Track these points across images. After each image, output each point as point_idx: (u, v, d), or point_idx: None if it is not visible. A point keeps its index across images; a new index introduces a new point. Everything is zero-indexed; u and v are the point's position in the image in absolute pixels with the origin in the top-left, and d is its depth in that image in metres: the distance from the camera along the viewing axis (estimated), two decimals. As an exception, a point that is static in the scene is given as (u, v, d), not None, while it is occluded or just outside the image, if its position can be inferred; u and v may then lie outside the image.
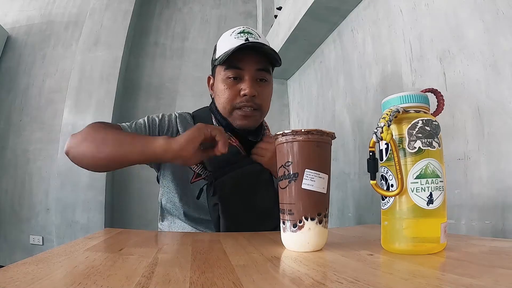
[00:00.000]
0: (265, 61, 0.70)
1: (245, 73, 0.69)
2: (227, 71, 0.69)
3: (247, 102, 0.69)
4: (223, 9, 2.69)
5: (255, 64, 0.69)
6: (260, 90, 0.70)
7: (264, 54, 0.68)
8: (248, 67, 0.69)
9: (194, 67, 2.47)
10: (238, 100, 0.69)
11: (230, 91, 0.69)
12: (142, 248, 0.41)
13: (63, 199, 2.02)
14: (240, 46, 0.65)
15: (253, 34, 0.70)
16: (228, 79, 0.70)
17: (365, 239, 0.52)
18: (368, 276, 0.29)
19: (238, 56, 0.67)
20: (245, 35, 0.69)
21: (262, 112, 0.73)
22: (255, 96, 0.69)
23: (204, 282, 0.26)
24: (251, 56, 0.68)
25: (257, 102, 0.70)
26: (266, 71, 0.71)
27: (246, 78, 0.68)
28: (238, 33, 0.70)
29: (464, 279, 0.26)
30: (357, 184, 1.33)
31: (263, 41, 0.70)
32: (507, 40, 0.66)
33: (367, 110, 1.28)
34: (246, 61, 0.68)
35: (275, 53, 0.69)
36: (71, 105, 2.14)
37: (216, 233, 0.62)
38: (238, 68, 0.69)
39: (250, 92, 0.68)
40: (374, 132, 0.37)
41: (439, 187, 0.37)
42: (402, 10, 1.03)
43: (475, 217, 0.72)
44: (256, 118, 0.72)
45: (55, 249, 0.38)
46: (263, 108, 0.72)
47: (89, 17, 2.31)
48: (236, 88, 0.69)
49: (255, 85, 0.69)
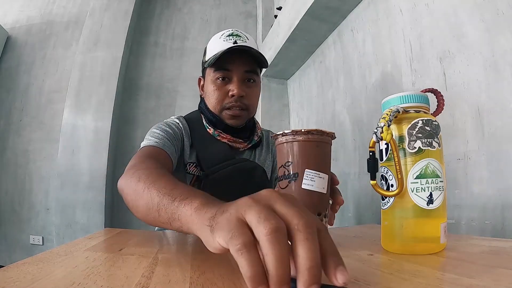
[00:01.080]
0: (253, 62, 0.72)
1: (233, 74, 0.71)
2: (216, 73, 0.72)
3: (235, 102, 0.71)
4: (223, 9, 2.70)
5: (243, 65, 0.71)
6: (248, 91, 0.73)
7: (252, 56, 0.70)
8: (236, 68, 0.71)
9: (194, 67, 2.47)
10: (227, 101, 0.72)
11: (219, 91, 0.72)
12: (142, 248, 0.41)
13: (63, 199, 2.02)
14: (228, 49, 0.67)
15: (242, 37, 0.72)
16: (217, 80, 0.72)
17: (365, 239, 0.52)
18: (368, 276, 0.29)
19: (226, 58, 0.69)
20: (233, 37, 0.71)
21: (250, 112, 0.75)
22: (243, 96, 0.71)
23: (204, 282, 0.26)
24: (239, 58, 0.70)
25: (245, 102, 0.72)
26: (253, 73, 0.73)
27: (235, 79, 0.71)
28: (227, 36, 0.72)
29: (464, 279, 0.26)
30: (357, 184, 1.33)
31: (251, 44, 0.72)
32: (507, 40, 0.66)
33: (367, 110, 1.28)
34: (234, 63, 0.70)
35: (261, 55, 0.71)
36: (71, 105, 2.14)
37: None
38: (227, 69, 0.71)
39: (238, 92, 0.70)
40: (374, 132, 0.37)
41: (439, 187, 0.37)
42: (402, 10, 1.03)
43: (475, 217, 0.72)
44: (244, 117, 0.75)
45: (55, 249, 0.38)
46: (250, 108, 0.75)
47: (89, 17, 2.31)
48: (225, 89, 0.72)
49: (243, 86, 0.72)
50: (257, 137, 0.82)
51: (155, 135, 0.67)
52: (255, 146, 0.82)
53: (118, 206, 2.16)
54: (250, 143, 0.79)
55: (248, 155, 0.81)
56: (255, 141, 0.80)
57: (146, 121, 2.31)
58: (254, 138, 0.81)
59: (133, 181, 0.48)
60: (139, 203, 0.44)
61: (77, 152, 2.08)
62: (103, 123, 2.11)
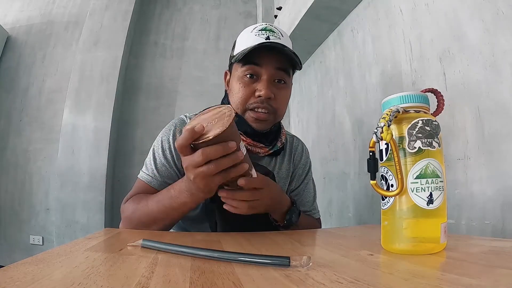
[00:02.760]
0: (286, 61, 0.65)
1: (263, 71, 0.64)
2: (244, 68, 0.65)
3: (261, 103, 0.64)
4: (223, 9, 2.69)
5: (275, 62, 0.64)
6: (277, 92, 0.65)
7: (285, 55, 0.64)
8: (267, 64, 0.64)
9: (194, 67, 2.47)
10: (252, 101, 0.65)
11: (245, 90, 0.65)
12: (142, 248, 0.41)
13: (63, 199, 2.02)
14: (260, 45, 0.61)
15: (276, 33, 0.66)
16: (244, 77, 0.65)
17: (365, 239, 0.52)
18: (368, 276, 0.29)
19: (256, 53, 0.62)
20: (266, 32, 0.65)
21: (277, 116, 0.68)
22: (270, 98, 0.64)
23: (204, 282, 0.26)
24: (271, 55, 0.64)
25: (273, 105, 0.65)
26: (285, 72, 0.66)
27: (264, 78, 0.64)
28: (260, 30, 0.65)
29: (464, 279, 0.26)
30: (357, 184, 1.33)
31: (285, 41, 0.66)
32: (507, 40, 0.66)
33: (367, 110, 1.28)
34: (265, 58, 0.64)
35: (296, 56, 0.64)
36: (71, 105, 2.14)
37: (216, 233, 0.62)
38: (257, 64, 0.64)
39: (265, 93, 0.63)
40: (374, 132, 0.37)
41: (439, 187, 0.37)
42: (402, 10, 1.03)
43: (475, 217, 0.72)
44: (270, 121, 0.67)
45: (55, 249, 0.38)
46: (278, 112, 0.67)
47: (89, 17, 2.31)
48: (252, 88, 0.65)
49: (272, 87, 0.64)
50: (281, 143, 0.73)
51: (150, 168, 0.68)
52: (277, 153, 0.74)
53: (118, 206, 2.15)
54: (272, 149, 0.71)
55: (267, 162, 0.74)
56: (277, 147, 0.72)
57: (146, 121, 2.31)
58: (277, 144, 0.73)
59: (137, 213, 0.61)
60: (153, 216, 0.58)
61: (77, 152, 2.08)
62: (103, 123, 2.11)
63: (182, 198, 0.54)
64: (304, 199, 0.78)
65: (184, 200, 0.53)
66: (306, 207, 0.78)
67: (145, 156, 0.72)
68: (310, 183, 0.81)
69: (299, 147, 0.82)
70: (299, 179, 0.79)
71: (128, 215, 0.62)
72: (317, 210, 0.80)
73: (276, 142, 0.73)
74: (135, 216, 0.61)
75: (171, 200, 0.55)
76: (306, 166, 0.81)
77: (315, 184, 0.84)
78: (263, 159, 0.73)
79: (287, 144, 0.79)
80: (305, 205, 0.78)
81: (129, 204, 0.64)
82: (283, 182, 0.76)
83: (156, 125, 2.29)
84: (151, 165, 0.68)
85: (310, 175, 0.82)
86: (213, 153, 0.42)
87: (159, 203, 0.57)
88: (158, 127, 0.77)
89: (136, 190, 0.69)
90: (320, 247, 0.44)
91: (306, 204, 0.78)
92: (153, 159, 0.69)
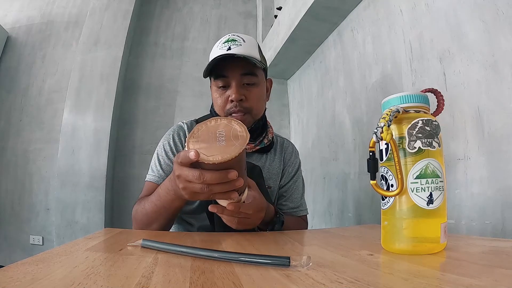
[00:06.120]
0: (248, 65, 0.71)
1: (231, 80, 0.71)
2: (216, 81, 0.73)
3: (236, 107, 0.72)
4: (223, 9, 2.70)
5: (240, 69, 0.71)
6: (247, 93, 0.73)
7: (246, 60, 0.70)
8: (232, 73, 0.71)
9: (194, 67, 2.47)
10: (228, 107, 0.73)
11: (221, 99, 0.73)
12: (142, 248, 0.41)
13: (63, 199, 2.02)
14: (218, 57, 0.68)
15: (237, 41, 0.72)
16: (218, 88, 0.73)
17: (365, 239, 0.52)
18: (368, 276, 0.29)
19: (222, 65, 0.70)
20: (228, 44, 0.72)
21: (254, 114, 0.75)
22: (242, 100, 0.72)
23: (204, 282, 0.26)
24: (234, 63, 0.70)
25: (245, 106, 0.73)
26: (251, 75, 0.73)
27: (233, 84, 0.71)
28: (223, 43, 0.73)
29: (464, 279, 0.26)
30: (357, 184, 1.33)
31: (248, 46, 0.72)
32: (507, 40, 0.66)
33: (367, 110, 1.28)
34: (230, 68, 0.71)
35: (253, 58, 0.71)
36: (71, 105, 2.14)
37: (216, 233, 0.62)
38: (224, 76, 0.72)
39: (235, 97, 0.70)
40: (374, 132, 0.37)
41: (439, 187, 0.37)
42: (402, 10, 1.03)
43: (475, 217, 0.72)
44: (248, 121, 0.74)
45: (55, 249, 0.38)
46: (253, 110, 0.74)
47: (89, 17, 2.31)
48: (226, 96, 0.72)
49: (241, 90, 0.72)
50: (267, 141, 0.81)
51: (156, 169, 0.76)
52: (265, 150, 0.82)
53: (118, 206, 2.16)
54: (258, 145, 0.79)
55: (257, 159, 0.81)
56: (264, 144, 0.80)
57: (146, 121, 2.31)
58: (264, 141, 0.80)
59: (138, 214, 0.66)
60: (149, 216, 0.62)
61: (77, 152, 2.08)
62: (103, 123, 2.11)
63: (169, 196, 0.57)
64: (293, 195, 0.85)
65: (171, 197, 0.56)
66: (294, 202, 0.85)
67: (145, 156, 0.75)
68: (299, 181, 0.88)
69: (289, 148, 0.90)
70: (289, 176, 0.86)
71: (133, 216, 0.69)
72: (304, 207, 0.87)
73: (262, 139, 0.80)
74: (138, 217, 0.66)
75: (160, 199, 0.59)
76: (296, 165, 0.88)
77: (304, 183, 0.91)
78: (253, 155, 0.80)
79: (278, 144, 0.87)
80: (293, 200, 0.85)
81: (135, 206, 0.70)
82: (274, 178, 0.83)
83: (156, 125, 2.29)
84: (156, 167, 0.76)
85: (300, 173, 0.90)
86: (211, 180, 0.41)
87: (152, 203, 0.62)
88: (158, 127, 0.79)
89: (144, 192, 0.74)
90: (320, 247, 0.44)
91: (294, 200, 0.85)
92: (158, 162, 0.77)
